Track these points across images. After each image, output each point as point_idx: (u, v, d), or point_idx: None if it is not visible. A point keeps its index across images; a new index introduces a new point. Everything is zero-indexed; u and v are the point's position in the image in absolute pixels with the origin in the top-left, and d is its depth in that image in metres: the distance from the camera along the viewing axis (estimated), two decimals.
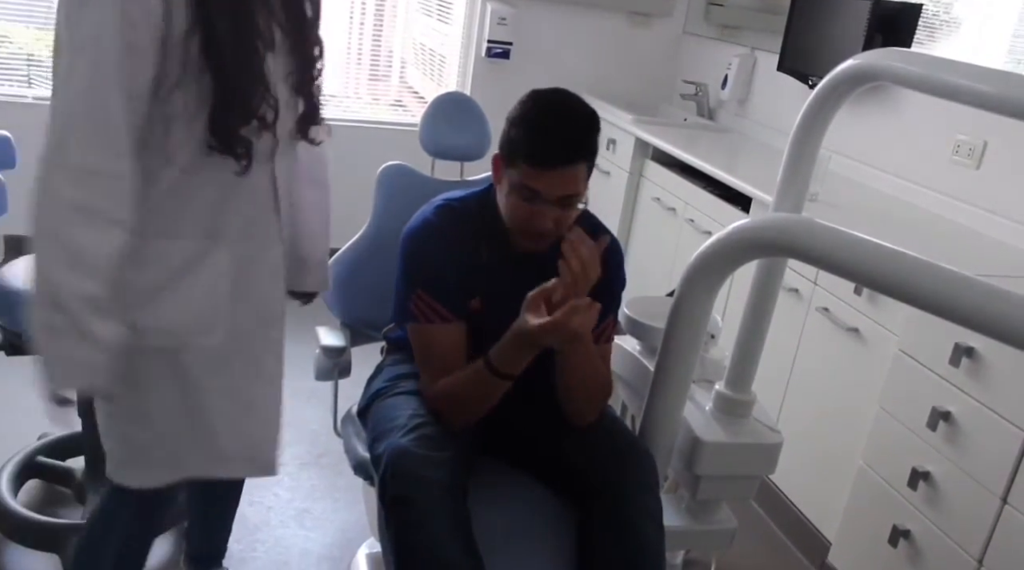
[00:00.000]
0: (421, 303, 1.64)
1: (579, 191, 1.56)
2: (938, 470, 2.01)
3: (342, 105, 4.33)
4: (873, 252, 1.18)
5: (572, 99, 1.59)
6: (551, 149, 1.52)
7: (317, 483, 2.59)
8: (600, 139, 1.61)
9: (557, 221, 1.56)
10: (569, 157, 1.52)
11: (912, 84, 1.47)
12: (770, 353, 1.89)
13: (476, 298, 1.66)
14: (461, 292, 1.65)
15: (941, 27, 3.17)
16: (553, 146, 1.52)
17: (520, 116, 1.56)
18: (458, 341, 1.65)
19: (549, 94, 1.59)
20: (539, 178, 1.52)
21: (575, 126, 1.55)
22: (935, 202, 2.79)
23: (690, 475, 1.77)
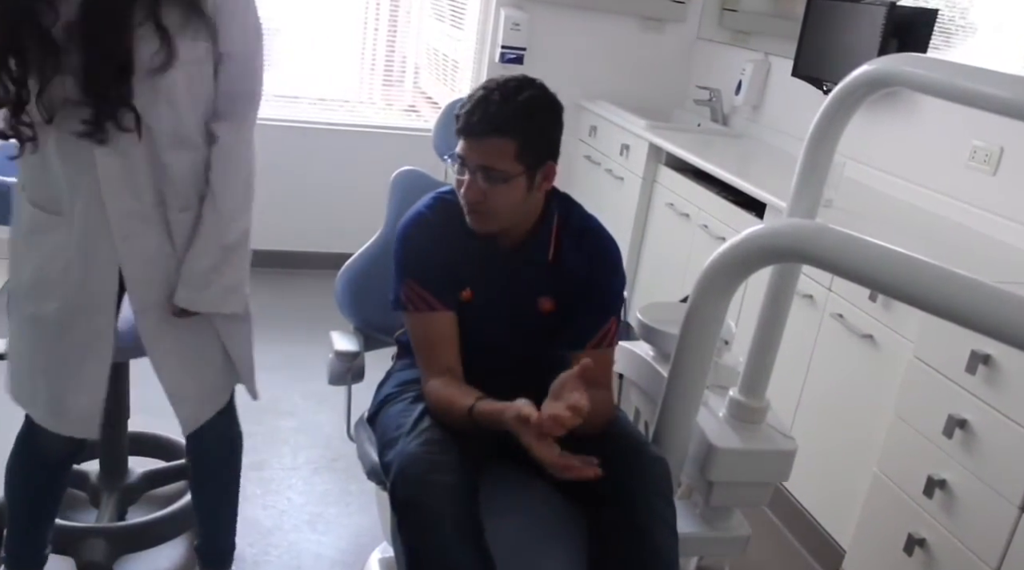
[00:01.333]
0: (411, 292, 1.68)
1: (502, 167, 1.58)
2: (954, 478, 1.99)
3: (355, 110, 4.35)
4: (888, 258, 1.17)
5: (523, 81, 1.63)
6: (471, 118, 1.58)
7: (330, 488, 2.59)
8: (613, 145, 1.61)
9: (484, 194, 1.59)
10: (489, 128, 1.56)
11: (928, 89, 1.46)
12: (784, 359, 1.88)
13: (467, 289, 1.70)
14: (451, 283, 1.69)
15: (957, 32, 3.15)
16: (474, 115, 1.58)
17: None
18: (448, 329, 1.68)
19: (510, 76, 1.64)
20: (464, 146, 1.60)
21: (502, 100, 1.58)
22: (951, 208, 2.78)
23: (703, 481, 1.77)
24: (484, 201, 1.60)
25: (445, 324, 1.68)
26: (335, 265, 2.23)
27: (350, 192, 4.07)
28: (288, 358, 3.22)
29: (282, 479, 2.60)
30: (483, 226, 1.66)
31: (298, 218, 4.09)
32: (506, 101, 1.58)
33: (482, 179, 1.58)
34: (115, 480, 2.27)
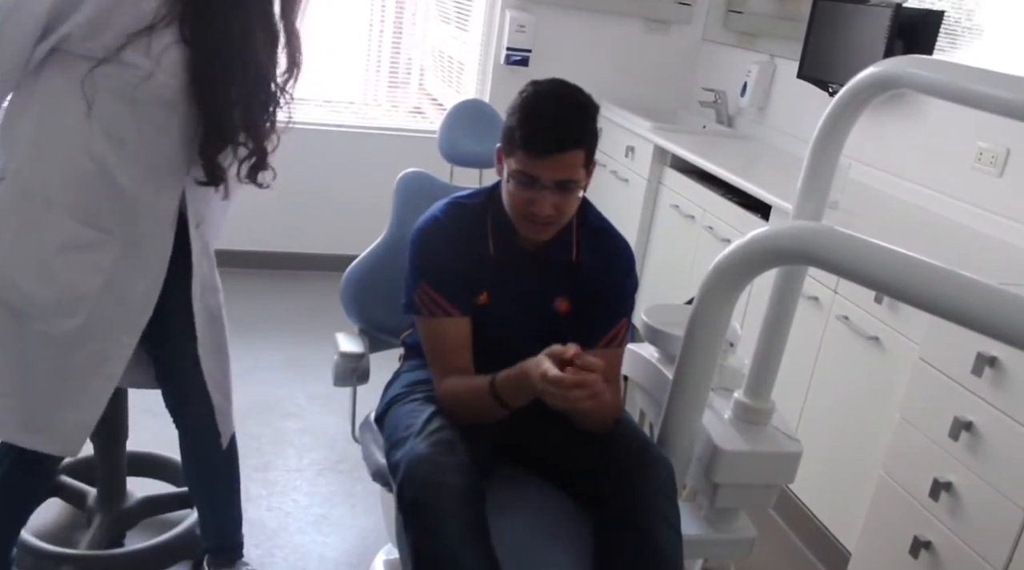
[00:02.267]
0: (425, 297, 1.67)
1: (577, 177, 1.58)
2: (960, 481, 1.99)
3: (361, 112, 4.35)
4: (894, 260, 1.17)
5: (568, 87, 1.62)
6: (547, 136, 1.55)
7: (335, 489, 2.60)
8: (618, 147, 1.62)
9: (556, 206, 1.59)
10: (565, 143, 1.55)
11: (934, 92, 1.46)
12: (789, 361, 1.88)
13: (484, 292, 1.69)
14: (466, 288, 1.68)
15: (963, 34, 3.14)
16: (549, 133, 1.55)
17: (518, 106, 1.60)
18: (462, 335, 1.68)
19: (545, 83, 1.62)
20: (536, 165, 1.55)
21: (570, 113, 1.58)
22: (957, 210, 2.77)
23: (708, 483, 1.76)
24: (557, 214, 1.59)
25: (459, 329, 1.68)
26: (340, 267, 2.23)
27: (355, 194, 4.07)
28: (293, 360, 3.23)
29: (287, 481, 2.60)
30: (546, 236, 1.65)
31: (303, 220, 4.09)
32: (573, 113, 1.57)
33: (556, 193, 1.57)
34: (111, 503, 2.20)
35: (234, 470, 2.02)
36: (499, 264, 1.68)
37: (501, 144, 1.64)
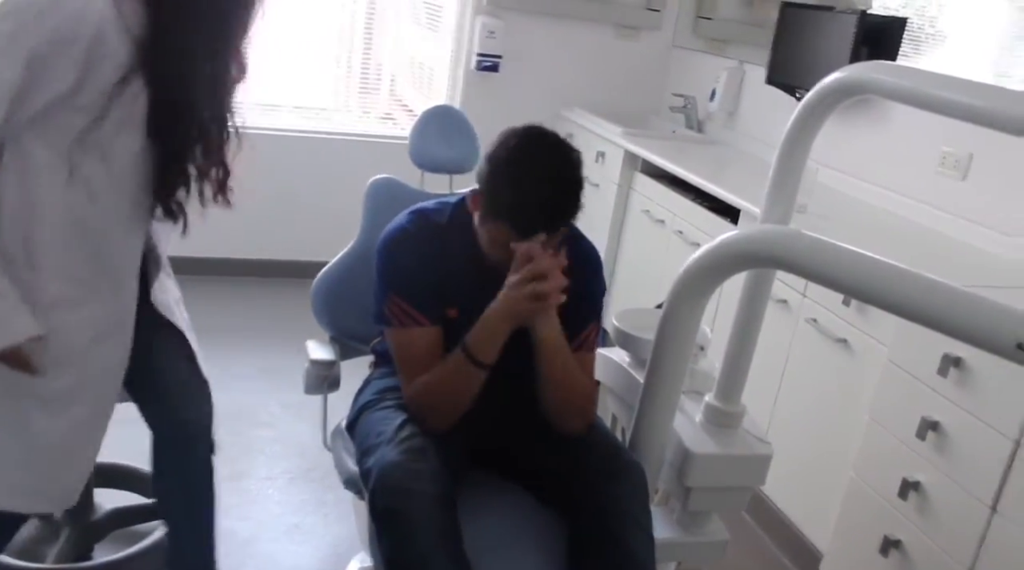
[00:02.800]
0: (395, 307, 1.66)
1: (559, 238, 1.59)
2: (928, 480, 2.01)
3: (332, 118, 4.34)
4: (860, 264, 1.19)
5: (558, 158, 1.56)
6: (540, 221, 1.53)
7: (307, 498, 2.58)
8: (588, 152, 1.62)
9: None
10: (557, 226, 1.55)
11: (898, 97, 1.48)
12: (759, 364, 1.89)
13: (453, 307, 1.68)
14: (435, 298, 1.67)
15: (927, 40, 3.19)
16: (541, 220, 1.53)
17: (506, 170, 1.54)
18: (433, 344, 1.67)
19: (533, 149, 1.56)
20: (524, 239, 1.53)
21: (563, 197, 1.54)
22: (922, 213, 2.81)
23: (681, 487, 1.77)
24: None
25: (430, 338, 1.67)
26: (311, 274, 2.21)
27: (325, 200, 4.05)
28: (264, 368, 3.21)
29: (259, 490, 2.58)
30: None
31: (274, 226, 4.06)
32: (565, 192, 1.54)
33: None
34: (79, 515, 2.14)
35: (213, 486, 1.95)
36: (466, 280, 1.66)
37: (481, 197, 1.58)
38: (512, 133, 1.57)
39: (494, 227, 1.56)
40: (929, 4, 3.21)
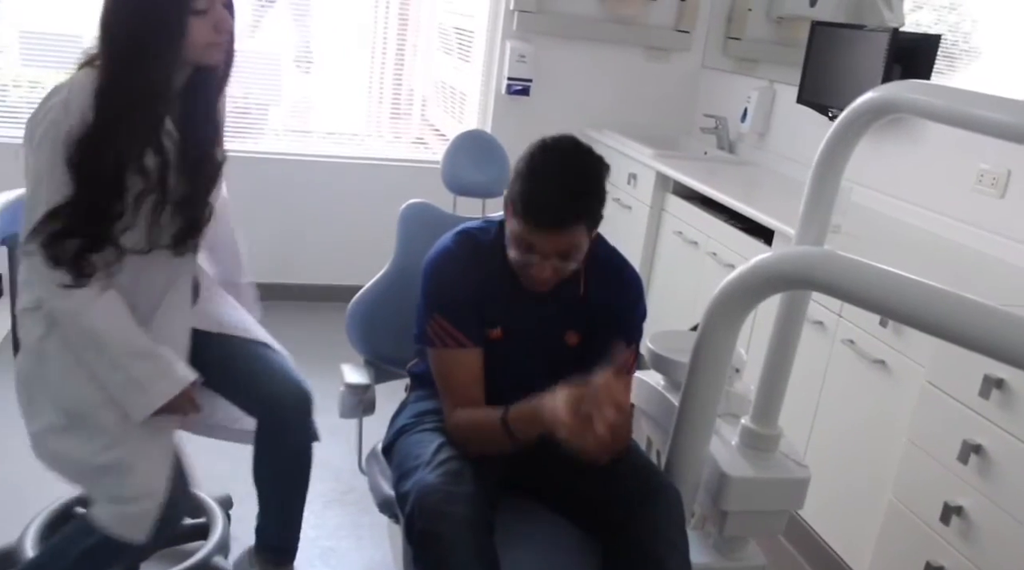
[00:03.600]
0: (437, 327, 1.67)
1: (578, 246, 1.58)
2: (971, 504, 1.98)
3: (364, 143, 4.38)
4: (897, 284, 1.17)
5: (575, 157, 1.58)
6: (547, 213, 1.54)
7: (342, 521, 2.58)
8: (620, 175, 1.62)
9: (555, 270, 1.59)
10: (566, 221, 1.54)
11: (932, 116, 1.47)
12: (796, 387, 1.87)
13: (497, 327, 1.68)
14: (479, 319, 1.67)
15: (961, 56, 3.17)
16: (549, 210, 1.53)
17: (524, 169, 1.58)
18: (474, 366, 1.67)
19: (554, 149, 1.59)
20: (535, 236, 1.55)
21: (573, 189, 1.55)
22: (959, 231, 2.78)
23: (717, 511, 1.75)
24: (556, 277, 1.60)
25: (473, 360, 1.67)
26: (345, 297, 2.23)
27: (359, 224, 4.09)
28: None
29: None
30: (544, 289, 1.65)
31: (308, 251, 4.11)
32: (576, 189, 1.55)
33: (557, 261, 1.57)
34: None
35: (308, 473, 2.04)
36: (510, 300, 1.67)
37: (509, 201, 1.61)
38: (539, 141, 1.61)
39: (514, 224, 1.58)
40: (963, 20, 3.19)
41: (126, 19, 1.62)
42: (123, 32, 1.62)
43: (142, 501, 1.70)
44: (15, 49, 3.81)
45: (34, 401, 1.76)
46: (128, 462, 1.70)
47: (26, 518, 2.23)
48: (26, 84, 3.83)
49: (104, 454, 1.71)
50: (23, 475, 2.37)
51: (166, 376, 1.70)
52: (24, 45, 3.82)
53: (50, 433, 1.74)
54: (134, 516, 1.70)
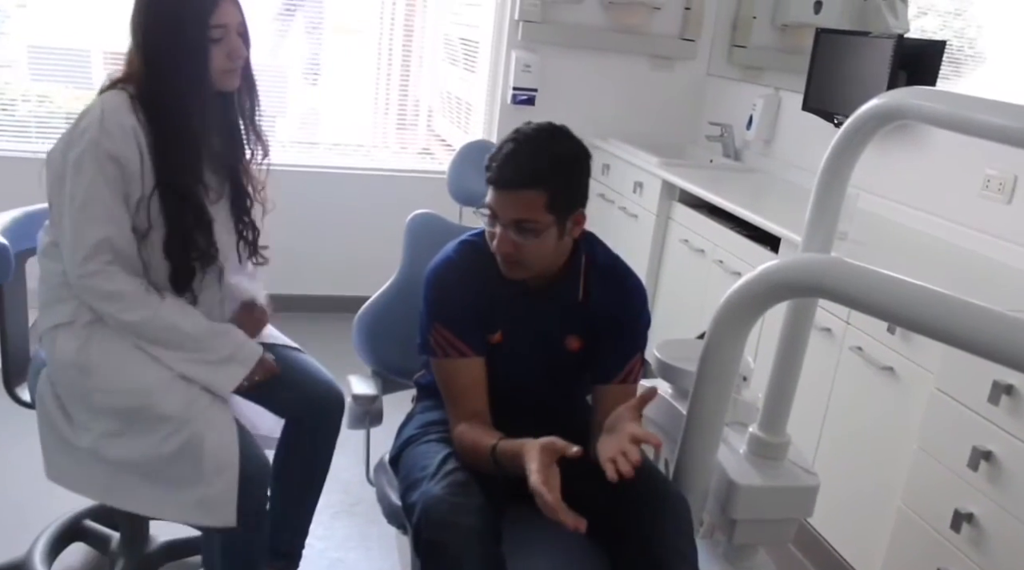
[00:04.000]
0: (439, 337, 1.67)
1: (534, 218, 1.57)
2: (982, 511, 1.97)
3: (370, 154, 4.40)
4: (904, 291, 1.17)
5: (549, 129, 1.62)
6: (503, 170, 1.57)
7: (350, 532, 2.58)
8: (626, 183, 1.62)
9: (516, 246, 1.59)
10: (519, 179, 1.56)
11: (938, 122, 1.47)
12: (804, 394, 1.87)
13: (497, 332, 1.69)
14: (480, 327, 1.68)
15: (966, 62, 3.17)
16: (506, 167, 1.57)
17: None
18: (476, 375, 1.68)
19: (534, 124, 1.63)
20: (495, 198, 1.58)
21: (534, 151, 1.58)
22: (966, 237, 2.77)
23: (726, 519, 1.75)
24: (516, 252, 1.60)
25: (474, 369, 1.68)
26: (352, 308, 2.24)
27: (366, 235, 4.10)
28: None
29: None
30: (515, 274, 1.66)
31: (314, 262, 4.12)
32: (536, 153, 1.58)
33: (514, 232, 1.58)
34: (134, 547, 2.20)
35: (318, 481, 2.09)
36: (510, 303, 1.68)
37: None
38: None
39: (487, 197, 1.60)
40: (968, 25, 3.19)
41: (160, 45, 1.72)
42: (158, 55, 1.72)
43: (223, 474, 1.72)
44: (23, 64, 3.84)
45: (74, 419, 1.77)
46: (199, 437, 1.72)
47: (29, 534, 2.24)
48: (35, 98, 3.85)
49: (173, 439, 1.73)
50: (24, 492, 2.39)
51: (244, 346, 1.85)
52: (32, 60, 3.84)
53: (107, 440, 1.75)
54: (217, 498, 1.72)
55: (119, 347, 1.75)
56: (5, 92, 3.83)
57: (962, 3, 3.29)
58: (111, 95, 1.72)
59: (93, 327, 1.76)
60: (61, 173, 1.70)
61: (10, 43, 3.83)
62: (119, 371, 1.75)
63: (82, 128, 1.69)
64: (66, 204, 1.69)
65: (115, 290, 1.71)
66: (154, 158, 1.70)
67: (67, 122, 3.79)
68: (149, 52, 1.73)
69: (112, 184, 1.68)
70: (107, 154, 1.66)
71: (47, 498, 1.85)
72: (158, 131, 1.71)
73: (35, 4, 3.77)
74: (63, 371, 1.77)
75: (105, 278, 1.70)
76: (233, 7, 1.77)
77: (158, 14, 1.72)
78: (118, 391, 1.74)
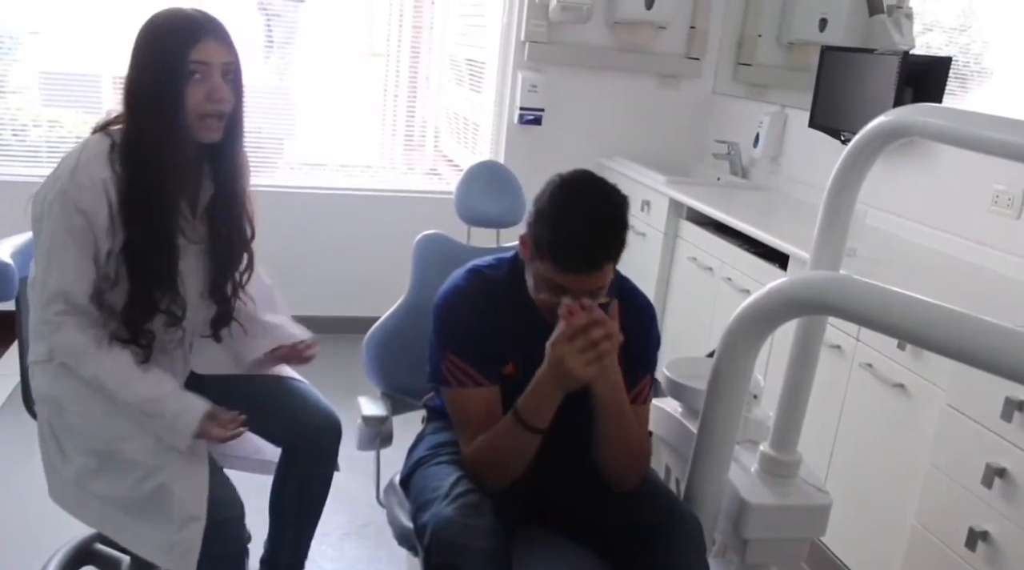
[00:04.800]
0: (452, 367, 1.66)
1: (605, 282, 1.57)
2: (997, 529, 1.95)
3: (377, 175, 4.41)
4: (914, 308, 1.17)
5: (598, 196, 1.56)
6: (579, 259, 1.52)
7: (360, 554, 2.57)
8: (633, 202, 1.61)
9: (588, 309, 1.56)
10: (598, 264, 1.53)
11: (945, 139, 1.47)
12: (814, 412, 1.86)
13: (509, 363, 1.67)
14: (492, 356, 1.66)
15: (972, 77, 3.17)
16: (580, 256, 1.52)
17: (547, 213, 1.55)
18: (491, 404, 1.66)
19: (575, 190, 1.56)
20: (566, 279, 1.53)
21: (604, 229, 1.54)
22: (976, 253, 2.76)
23: (738, 539, 1.74)
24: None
25: (488, 398, 1.66)
26: (361, 329, 2.24)
27: (374, 256, 4.11)
28: None
29: (312, 546, 2.57)
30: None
31: (323, 283, 4.12)
32: (604, 232, 1.53)
33: (586, 300, 1.54)
34: None
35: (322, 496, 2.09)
36: (522, 335, 1.65)
37: (529, 239, 1.59)
38: (558, 176, 1.59)
39: (539, 266, 1.56)
40: (974, 41, 3.19)
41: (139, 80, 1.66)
42: (137, 92, 1.66)
43: (189, 525, 1.69)
44: (35, 89, 3.88)
45: (63, 448, 1.77)
46: (167, 486, 1.70)
47: (41, 555, 2.24)
48: (45, 123, 3.88)
49: (144, 483, 1.71)
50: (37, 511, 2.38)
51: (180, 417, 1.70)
52: (44, 85, 3.88)
53: (86, 475, 1.75)
54: (183, 544, 1.69)
55: (88, 390, 1.72)
56: (17, 117, 3.87)
57: (967, 19, 3.30)
58: (94, 141, 1.67)
59: (67, 367, 1.72)
60: (39, 213, 1.66)
61: (22, 69, 3.87)
62: (89, 413, 1.72)
63: (57, 174, 1.64)
64: (40, 246, 1.67)
65: (61, 342, 1.67)
66: (121, 213, 1.64)
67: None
68: (130, 89, 1.66)
69: (78, 236, 1.63)
70: (75, 206, 1.61)
71: (59, 518, 1.85)
72: (130, 183, 1.64)
73: (47, 31, 3.82)
74: (42, 404, 1.78)
75: (53, 329, 1.66)
76: (219, 46, 1.65)
77: (141, 47, 1.65)
78: (89, 434, 1.73)
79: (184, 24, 1.64)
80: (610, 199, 1.56)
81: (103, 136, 1.68)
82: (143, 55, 1.65)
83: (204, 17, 1.67)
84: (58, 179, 1.63)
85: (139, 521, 1.74)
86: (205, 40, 1.63)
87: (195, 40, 1.62)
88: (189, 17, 1.66)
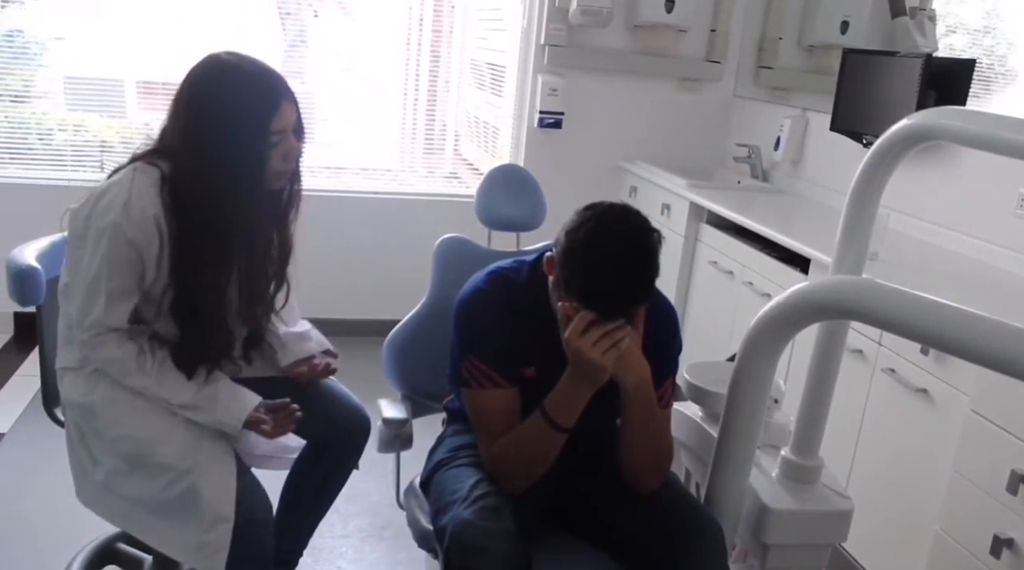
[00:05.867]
0: (473, 369, 1.66)
1: (638, 314, 1.56)
2: (1022, 537, 1.93)
3: (398, 178, 4.43)
4: (937, 312, 1.16)
5: (632, 238, 1.51)
6: (612, 305, 1.49)
7: (380, 556, 2.58)
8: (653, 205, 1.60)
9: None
10: (624, 312, 1.51)
11: (970, 142, 1.46)
12: (836, 416, 1.85)
13: (531, 367, 1.67)
14: (513, 359, 1.66)
15: (996, 80, 3.14)
16: (610, 307, 1.49)
17: (579, 258, 1.50)
18: (511, 406, 1.66)
19: (609, 228, 1.51)
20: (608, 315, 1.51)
21: (635, 278, 1.50)
22: (1000, 257, 2.73)
23: (758, 544, 1.73)
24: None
25: (510, 399, 1.66)
26: (381, 332, 2.25)
27: (394, 260, 4.12)
28: None
29: (332, 548, 2.59)
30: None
31: (343, 286, 4.14)
32: (636, 275, 1.50)
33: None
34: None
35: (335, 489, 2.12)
36: (543, 337, 1.64)
37: (558, 271, 1.55)
38: (591, 213, 1.53)
39: (566, 300, 1.53)
40: (998, 43, 3.16)
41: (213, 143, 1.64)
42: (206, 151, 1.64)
43: (218, 526, 1.71)
44: (60, 94, 3.93)
45: (92, 452, 1.79)
46: (196, 488, 1.71)
47: (64, 554, 2.26)
48: (71, 127, 3.93)
49: (173, 487, 1.73)
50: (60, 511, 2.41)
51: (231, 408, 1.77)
52: (68, 90, 3.93)
53: (116, 478, 1.77)
54: (212, 545, 1.71)
55: (122, 395, 1.74)
56: (43, 122, 3.92)
57: (992, 21, 3.27)
58: (142, 172, 1.65)
59: (99, 374, 1.75)
60: (82, 234, 1.66)
61: (48, 74, 3.93)
62: (121, 419, 1.74)
63: (107, 202, 1.63)
64: (83, 268, 1.68)
65: (107, 357, 1.71)
66: (172, 250, 1.66)
67: (101, 150, 3.91)
68: (196, 144, 1.65)
69: (124, 266, 1.65)
70: (126, 238, 1.62)
71: (82, 518, 1.87)
72: (185, 220, 1.66)
73: (72, 37, 3.87)
74: (72, 409, 1.80)
75: (92, 348, 1.69)
76: (291, 107, 1.70)
77: (213, 115, 1.64)
78: (120, 438, 1.75)
79: (261, 92, 1.65)
80: (644, 238, 1.51)
81: (150, 166, 1.67)
82: (217, 123, 1.64)
83: (275, 79, 1.68)
84: (110, 210, 1.62)
85: (168, 522, 1.76)
86: (281, 106, 1.67)
87: (275, 110, 1.66)
88: (264, 84, 1.66)
